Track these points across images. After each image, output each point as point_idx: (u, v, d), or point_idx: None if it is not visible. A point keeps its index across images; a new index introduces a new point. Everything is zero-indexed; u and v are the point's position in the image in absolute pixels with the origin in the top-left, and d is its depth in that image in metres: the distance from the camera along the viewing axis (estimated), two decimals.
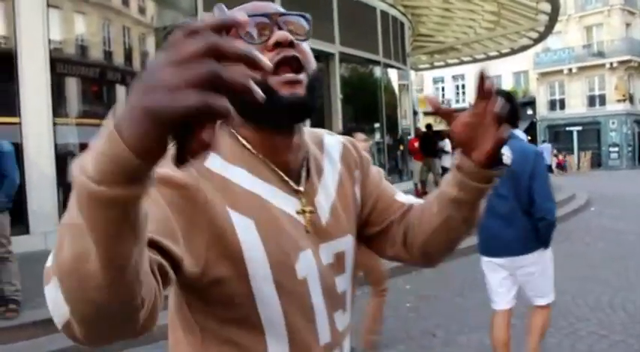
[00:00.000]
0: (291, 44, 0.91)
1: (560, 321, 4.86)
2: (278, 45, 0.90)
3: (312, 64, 0.95)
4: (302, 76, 0.91)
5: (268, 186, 0.95)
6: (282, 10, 0.97)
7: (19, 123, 7.44)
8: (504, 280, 3.49)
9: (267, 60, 0.80)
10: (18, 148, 6.33)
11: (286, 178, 0.97)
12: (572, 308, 5.23)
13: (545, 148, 19.62)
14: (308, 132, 1.10)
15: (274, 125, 0.94)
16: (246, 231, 0.88)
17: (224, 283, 0.88)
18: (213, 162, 0.90)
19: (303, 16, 0.98)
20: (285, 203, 0.96)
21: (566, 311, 5.12)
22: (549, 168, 20.26)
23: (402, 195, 1.20)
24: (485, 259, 3.51)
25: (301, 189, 0.98)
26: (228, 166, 0.92)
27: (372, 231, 1.15)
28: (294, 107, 0.90)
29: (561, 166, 31.14)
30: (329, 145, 1.13)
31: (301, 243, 0.96)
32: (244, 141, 0.95)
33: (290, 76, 0.90)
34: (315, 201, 1.01)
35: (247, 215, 0.90)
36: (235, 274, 0.88)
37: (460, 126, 0.95)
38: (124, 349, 4.36)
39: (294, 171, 0.99)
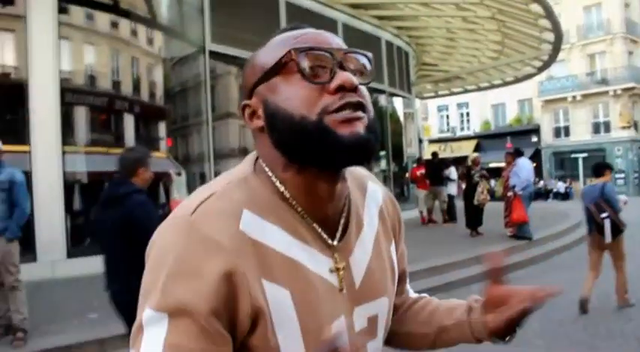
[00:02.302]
0: (354, 89, 0.81)
1: (571, 350, 4.80)
2: (341, 89, 0.80)
3: (371, 107, 0.86)
4: (362, 114, 0.82)
5: (303, 246, 0.84)
6: (344, 46, 0.87)
7: (29, 152, 7.52)
8: None
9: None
10: (27, 176, 6.39)
11: (322, 234, 0.87)
12: (583, 336, 5.17)
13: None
14: (349, 172, 0.96)
15: (326, 166, 0.83)
16: (280, 304, 0.79)
17: (249, 348, 0.80)
18: (248, 222, 0.80)
19: (366, 56, 0.88)
20: (320, 263, 0.85)
21: (577, 340, 5.06)
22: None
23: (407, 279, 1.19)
24: None
25: (335, 244, 0.88)
26: (263, 225, 0.81)
27: None
28: (355, 147, 0.79)
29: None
30: (371, 194, 1.02)
31: (335, 309, 0.86)
32: (282, 188, 0.85)
33: (349, 113, 0.80)
34: (349, 260, 0.90)
35: (283, 285, 0.80)
36: (263, 345, 0.79)
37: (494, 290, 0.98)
38: None
39: (331, 222, 0.89)
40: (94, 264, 7.62)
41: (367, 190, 1.01)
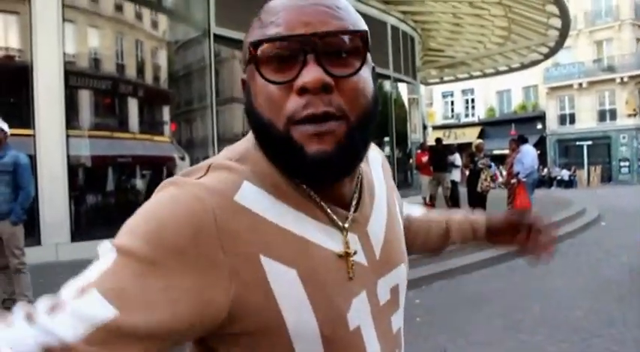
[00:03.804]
0: (326, 87, 0.69)
1: (573, 336, 4.82)
2: (305, 90, 0.69)
3: (361, 103, 0.73)
4: (332, 126, 0.70)
5: (313, 222, 0.76)
6: (333, 20, 0.72)
7: (33, 135, 7.53)
8: None
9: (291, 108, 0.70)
10: (32, 160, 6.40)
11: (332, 215, 0.78)
12: (585, 323, 5.18)
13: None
14: None
15: (298, 178, 0.76)
16: (285, 284, 0.71)
17: (256, 337, 0.72)
18: (247, 194, 0.72)
19: (359, 32, 0.73)
20: (333, 242, 0.78)
21: (579, 327, 5.08)
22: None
23: (411, 208, 1.25)
24: None
25: (346, 226, 0.79)
26: (265, 198, 0.73)
27: None
28: (318, 167, 0.71)
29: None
30: (373, 160, 0.95)
31: (355, 286, 0.79)
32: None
33: (312, 128, 0.70)
34: (367, 230, 0.83)
35: (288, 264, 0.71)
36: (270, 332, 0.72)
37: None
38: None
39: (344, 202, 0.81)
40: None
41: (369, 156, 0.94)
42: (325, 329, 0.74)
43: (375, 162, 0.96)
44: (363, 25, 0.76)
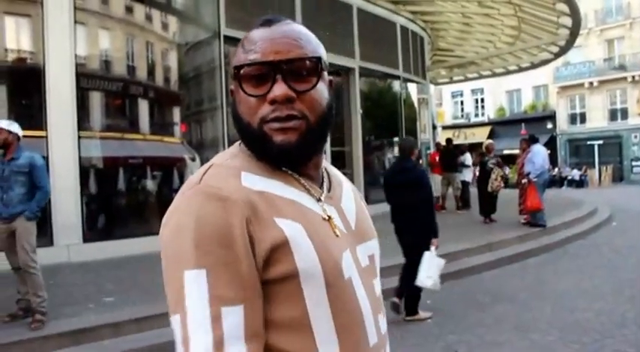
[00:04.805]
0: (290, 99, 0.92)
1: (584, 338, 4.80)
2: (275, 102, 0.92)
3: (318, 109, 0.96)
4: (294, 123, 0.93)
5: (300, 193, 0.97)
6: (297, 49, 0.95)
7: (46, 137, 7.59)
8: None
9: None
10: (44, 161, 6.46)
11: (310, 188, 0.99)
12: (596, 324, 5.16)
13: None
14: None
15: (273, 163, 0.97)
16: (297, 236, 0.89)
17: (274, 284, 0.87)
18: (248, 179, 0.93)
19: (315, 58, 0.96)
20: (317, 209, 0.98)
21: (590, 328, 5.06)
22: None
23: None
24: None
25: (322, 198, 1.00)
26: (263, 180, 0.94)
27: None
28: (283, 154, 0.94)
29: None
30: (345, 180, 1.17)
31: (340, 244, 0.97)
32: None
33: (277, 124, 0.92)
34: (341, 206, 1.05)
35: (294, 220, 0.91)
36: (286, 279, 0.88)
37: None
38: None
39: (316, 183, 1.03)
40: (109, 249, 7.81)
41: (342, 178, 1.16)
42: (328, 275, 0.91)
43: (336, 171, 1.16)
44: (320, 50, 1.00)
